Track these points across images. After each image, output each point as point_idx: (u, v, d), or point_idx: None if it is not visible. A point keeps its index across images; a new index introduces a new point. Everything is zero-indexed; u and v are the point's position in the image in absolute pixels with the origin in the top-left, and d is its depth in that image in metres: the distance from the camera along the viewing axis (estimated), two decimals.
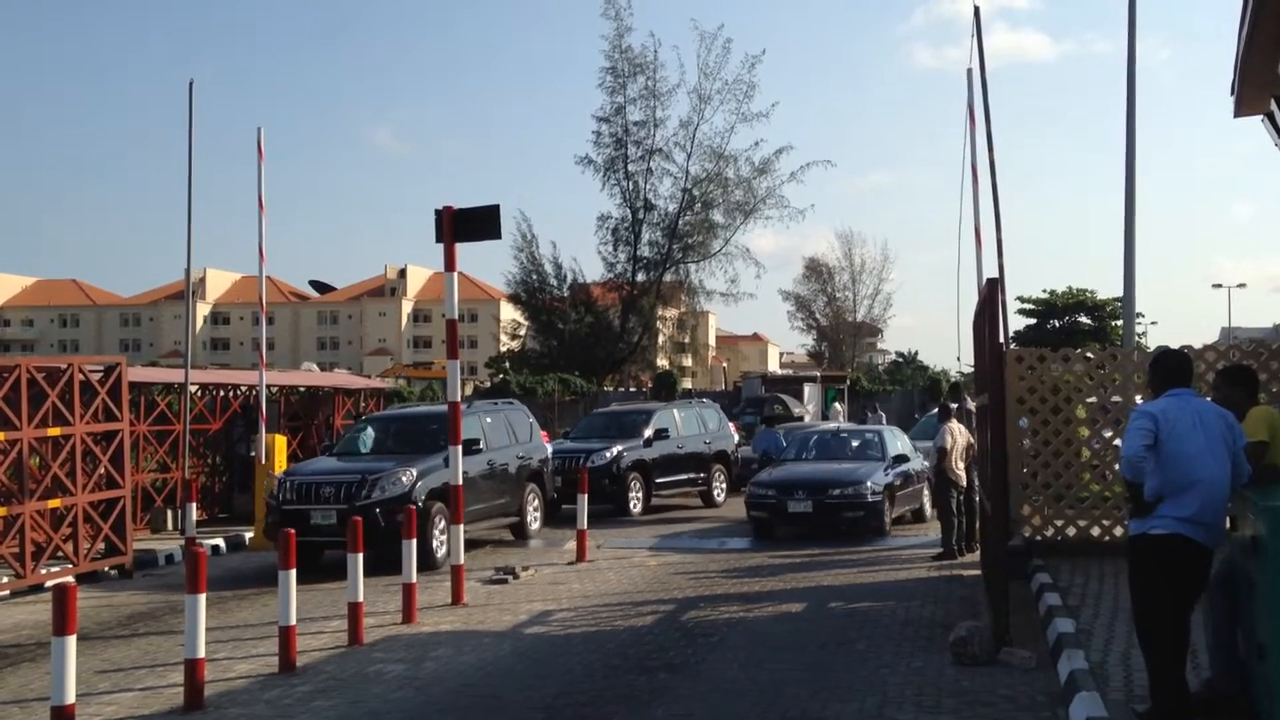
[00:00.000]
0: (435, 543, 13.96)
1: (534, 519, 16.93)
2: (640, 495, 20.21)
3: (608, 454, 19.85)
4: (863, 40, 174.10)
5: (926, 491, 17.53)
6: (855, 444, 18.13)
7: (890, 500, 16.22)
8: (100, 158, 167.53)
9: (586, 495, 15.83)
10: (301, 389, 22.59)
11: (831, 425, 25.39)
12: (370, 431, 16.49)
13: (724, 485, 22.02)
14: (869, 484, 15.90)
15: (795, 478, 16.58)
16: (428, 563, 13.14)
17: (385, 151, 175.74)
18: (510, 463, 16.31)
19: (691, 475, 21.50)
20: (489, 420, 16.46)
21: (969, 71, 15.97)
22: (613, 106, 48.37)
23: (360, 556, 10.13)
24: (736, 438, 23.78)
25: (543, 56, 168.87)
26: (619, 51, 47.99)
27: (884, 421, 34.74)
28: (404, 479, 14.07)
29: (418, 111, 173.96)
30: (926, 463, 17.42)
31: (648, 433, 20.77)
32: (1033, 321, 56.18)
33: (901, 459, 17.21)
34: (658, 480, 20.69)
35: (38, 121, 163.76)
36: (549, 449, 18.15)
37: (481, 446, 15.42)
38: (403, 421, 16.80)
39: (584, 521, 15.22)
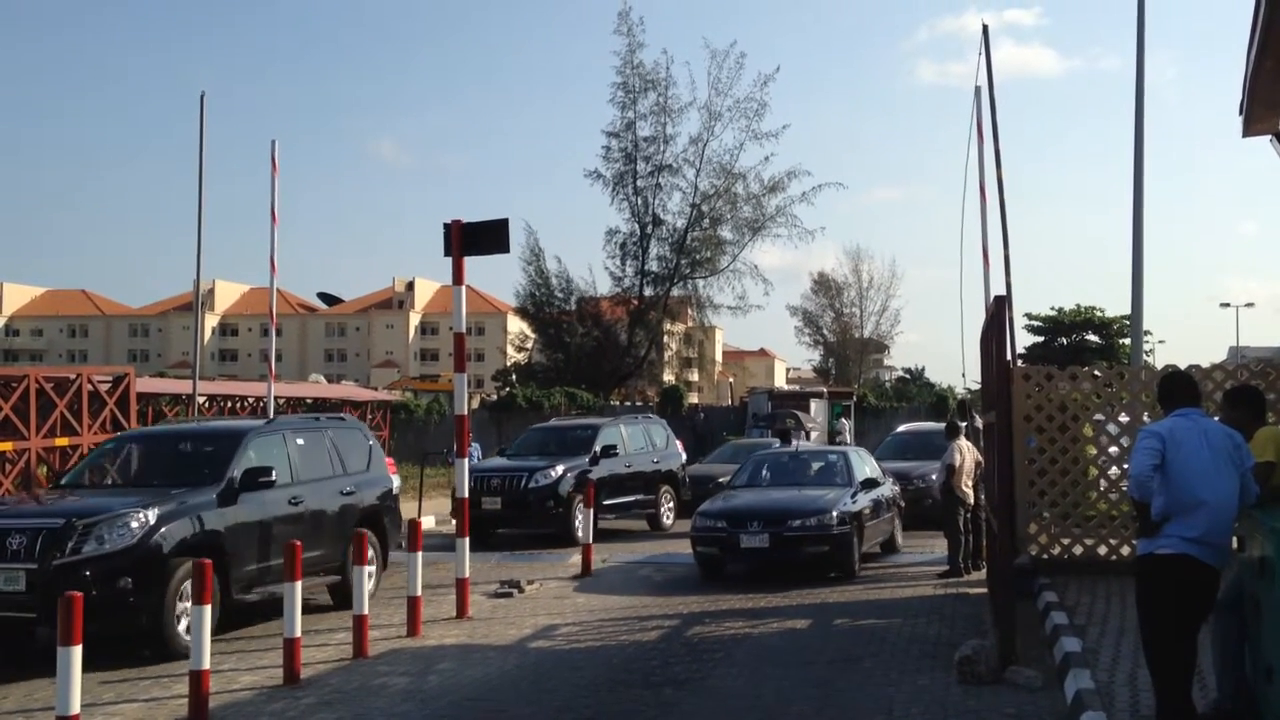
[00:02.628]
0: (183, 620, 9.75)
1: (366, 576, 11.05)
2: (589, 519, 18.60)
3: (552, 473, 18.05)
4: (866, 56, 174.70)
5: (897, 520, 16.21)
6: (817, 467, 16.02)
7: (859, 532, 14.12)
8: (108, 168, 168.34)
9: (592, 509, 15.77)
10: (309, 400, 22.64)
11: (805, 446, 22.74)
12: (120, 455, 11.96)
13: (672, 507, 20.37)
14: (834, 514, 13.73)
15: (749, 507, 14.24)
16: (167, 649, 9.70)
17: (392, 164, 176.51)
18: (328, 502, 12.04)
19: (639, 497, 19.74)
20: (301, 442, 12.06)
21: (977, 89, 16.00)
22: (623, 122, 48.55)
23: (365, 570, 10.11)
24: (684, 456, 22.17)
25: (548, 69, 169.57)
26: (630, 67, 48.18)
27: (807, 436, 30.42)
28: (134, 524, 9.77)
29: (424, 123, 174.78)
30: (895, 488, 16.42)
31: (595, 449, 18.96)
32: (1040, 339, 56.13)
33: (870, 484, 15.22)
34: (605, 502, 18.58)
35: (46, 131, 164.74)
36: (395, 481, 13.87)
37: (277, 478, 11.08)
38: (153, 443, 12.28)
39: (590, 535, 15.20)
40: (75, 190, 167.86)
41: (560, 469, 18.19)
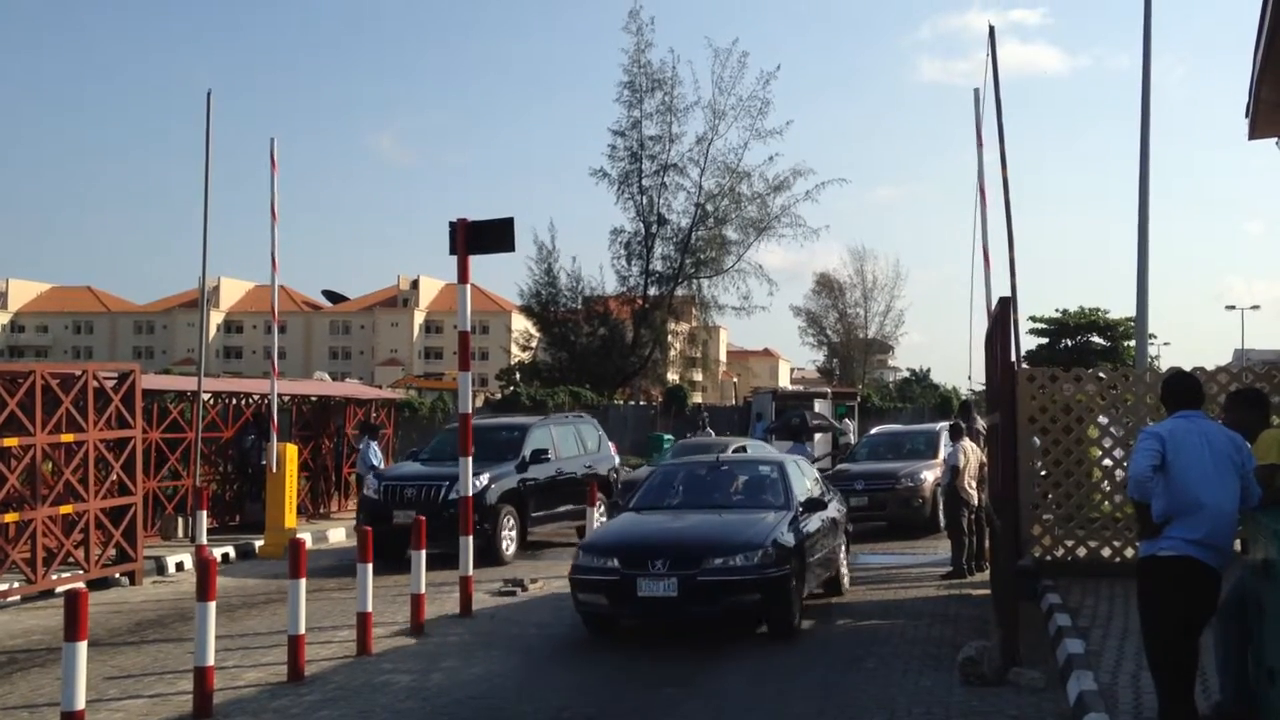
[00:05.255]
0: None
1: None
2: (515, 533, 16.29)
3: (477, 482, 15.01)
4: (869, 54, 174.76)
5: (844, 551, 12.94)
6: (745, 482, 12.05)
7: (800, 573, 10.54)
8: (113, 165, 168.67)
9: (596, 508, 15.74)
10: (313, 398, 22.65)
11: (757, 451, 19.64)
12: None
13: (605, 516, 17.70)
14: (768, 548, 10.10)
15: (651, 537, 10.55)
16: None
17: (397, 162, 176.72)
18: None
19: (571, 506, 17.52)
20: None
21: (976, 91, 15.97)
22: (629, 120, 48.61)
23: (370, 566, 10.14)
24: (618, 459, 20.52)
25: (549, 67, 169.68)
26: (638, 66, 48.27)
27: (811, 437, 27.25)
28: None
29: (429, 121, 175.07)
30: (841, 508, 13.20)
31: (524, 454, 16.91)
32: (1045, 341, 56.08)
33: (813, 504, 11.60)
34: (534, 513, 16.81)
35: (51, 128, 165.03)
36: None
37: None
38: None
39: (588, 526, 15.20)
40: (81, 187, 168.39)
41: (485, 477, 15.75)
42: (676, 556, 10.01)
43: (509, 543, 16.15)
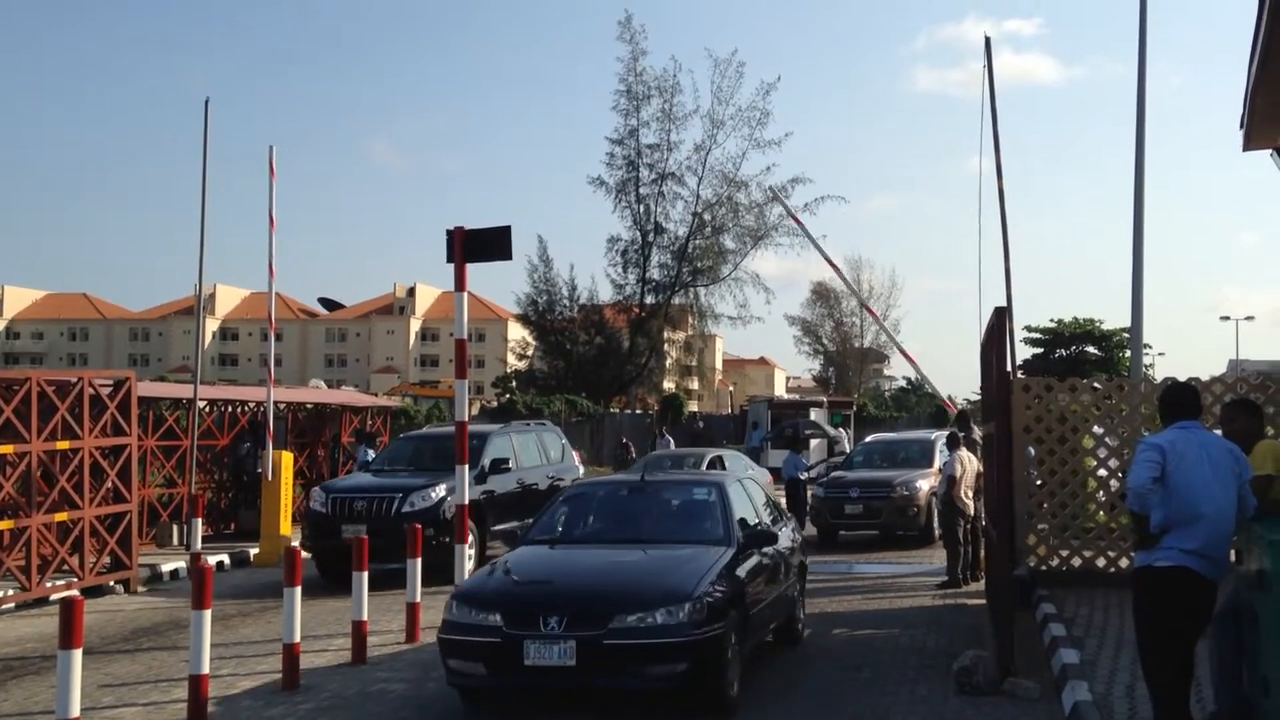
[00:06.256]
0: None
1: None
2: (474, 549, 14.80)
3: (432, 494, 14.58)
4: (865, 63, 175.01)
5: (800, 586, 10.76)
6: (674, 506, 9.75)
7: (741, 628, 8.31)
8: (109, 172, 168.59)
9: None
10: (309, 406, 22.63)
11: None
12: None
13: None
14: (698, 600, 7.74)
15: (545, 585, 8.26)
16: None
17: (393, 171, 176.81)
18: None
19: (532, 520, 16.71)
20: None
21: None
22: (626, 128, 48.71)
23: (365, 575, 10.13)
24: (581, 469, 19.72)
25: (547, 73, 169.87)
26: (634, 74, 48.40)
27: (807, 445, 26.33)
28: None
29: (426, 130, 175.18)
30: (798, 536, 11.21)
31: (482, 464, 15.74)
32: (1039, 351, 56.11)
33: (759, 537, 9.36)
34: (494, 527, 15.62)
35: (47, 134, 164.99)
36: None
37: None
38: None
39: None
40: (76, 193, 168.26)
41: (441, 489, 14.70)
42: (576, 612, 7.67)
43: (467, 559, 14.54)
